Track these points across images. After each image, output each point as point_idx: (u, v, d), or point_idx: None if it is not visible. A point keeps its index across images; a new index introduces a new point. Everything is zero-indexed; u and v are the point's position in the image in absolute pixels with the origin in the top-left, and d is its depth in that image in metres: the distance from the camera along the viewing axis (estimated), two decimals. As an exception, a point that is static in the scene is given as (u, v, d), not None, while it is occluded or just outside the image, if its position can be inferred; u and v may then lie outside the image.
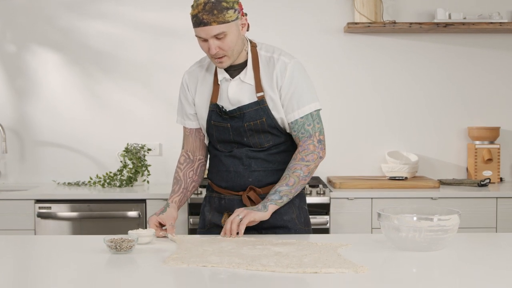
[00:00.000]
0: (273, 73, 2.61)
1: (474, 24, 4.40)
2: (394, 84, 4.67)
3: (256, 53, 2.66)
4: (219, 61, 2.55)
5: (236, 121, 2.63)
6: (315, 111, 2.66)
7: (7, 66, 4.65)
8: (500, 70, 4.66)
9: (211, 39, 2.47)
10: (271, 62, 2.63)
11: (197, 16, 2.45)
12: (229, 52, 2.52)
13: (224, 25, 2.46)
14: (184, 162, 2.80)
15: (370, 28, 4.46)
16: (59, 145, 4.67)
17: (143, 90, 4.63)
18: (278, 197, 2.54)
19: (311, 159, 2.60)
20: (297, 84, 2.61)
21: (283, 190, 2.55)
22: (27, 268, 2.08)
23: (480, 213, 3.99)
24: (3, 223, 3.97)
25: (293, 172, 2.57)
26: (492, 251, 2.28)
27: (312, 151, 2.61)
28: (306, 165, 2.58)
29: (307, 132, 2.63)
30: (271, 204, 2.52)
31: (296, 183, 2.57)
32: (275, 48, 2.69)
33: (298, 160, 2.59)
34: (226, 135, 2.67)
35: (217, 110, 2.65)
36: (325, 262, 2.02)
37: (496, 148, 4.48)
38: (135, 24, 4.63)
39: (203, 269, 1.97)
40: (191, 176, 2.78)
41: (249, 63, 2.64)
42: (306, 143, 2.62)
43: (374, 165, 4.68)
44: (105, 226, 3.96)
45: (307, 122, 2.63)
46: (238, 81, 2.64)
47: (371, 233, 3.96)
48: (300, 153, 2.60)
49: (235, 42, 2.52)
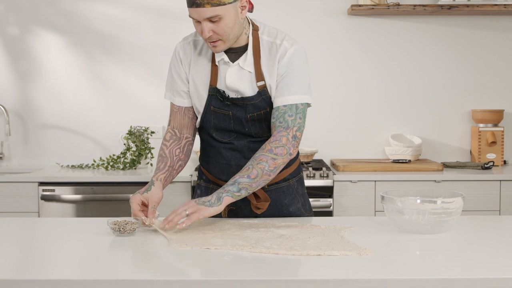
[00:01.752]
0: (275, 61, 2.43)
1: (478, 6, 4.38)
2: (397, 67, 4.65)
3: (258, 37, 2.47)
4: (213, 45, 2.36)
5: (239, 110, 2.47)
6: (302, 105, 2.42)
7: (10, 49, 4.64)
8: (504, 53, 4.64)
9: (204, 21, 2.28)
10: (273, 48, 2.44)
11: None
12: (224, 37, 2.33)
13: (219, 8, 2.25)
14: (170, 139, 2.55)
15: (374, 10, 4.43)
16: (63, 127, 4.66)
17: (146, 72, 4.62)
18: (236, 189, 2.26)
19: (280, 153, 2.33)
20: (292, 71, 2.42)
21: (243, 182, 2.27)
22: (31, 250, 2.08)
23: (483, 196, 3.99)
24: (7, 205, 3.98)
25: (257, 164, 2.30)
26: (496, 234, 2.28)
27: (283, 144, 2.35)
28: (273, 158, 2.32)
29: (285, 123, 2.38)
30: (227, 196, 2.25)
31: (259, 177, 2.29)
32: (278, 32, 2.49)
33: (266, 151, 2.33)
34: (226, 123, 2.50)
35: (218, 95, 2.47)
36: (328, 244, 2.02)
37: (500, 130, 4.46)
38: (139, 7, 4.61)
39: (206, 252, 1.97)
40: (178, 154, 2.53)
41: (249, 48, 2.45)
42: (280, 134, 2.37)
43: (377, 148, 4.67)
44: (108, 209, 3.97)
45: (289, 112, 2.39)
46: (237, 67, 2.45)
47: (374, 215, 3.96)
48: (270, 143, 2.35)
49: (231, 27, 2.32)
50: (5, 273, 1.79)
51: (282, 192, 2.60)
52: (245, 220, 2.45)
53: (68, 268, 1.86)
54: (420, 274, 1.74)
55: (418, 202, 2.25)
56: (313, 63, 4.56)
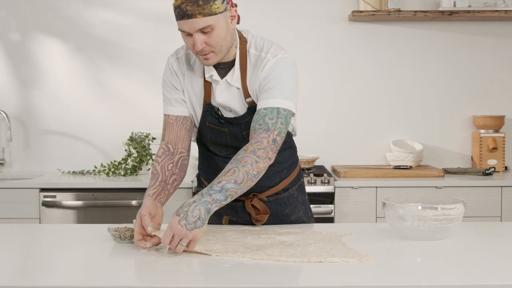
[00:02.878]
0: (258, 75, 2.35)
1: (479, 12, 4.38)
2: (398, 73, 4.65)
3: (245, 51, 2.39)
4: (205, 58, 2.28)
5: (234, 127, 2.43)
6: (284, 111, 2.29)
7: (11, 55, 4.64)
8: (505, 59, 4.64)
9: (196, 33, 2.20)
10: (258, 62, 2.37)
11: (180, 7, 2.18)
12: (217, 48, 2.25)
13: (211, 18, 2.18)
14: (163, 155, 2.42)
15: (375, 17, 4.44)
16: (64, 133, 4.67)
17: (147, 78, 4.62)
18: (223, 198, 2.09)
19: (262, 156, 2.18)
20: (273, 77, 2.32)
21: (230, 189, 2.10)
22: (32, 257, 2.08)
23: (485, 202, 3.98)
24: (8, 211, 3.98)
25: (243, 166, 2.14)
26: (497, 240, 2.27)
27: (264, 147, 2.20)
28: (256, 161, 2.17)
29: (265, 125, 2.24)
30: (215, 207, 2.08)
31: (244, 182, 2.14)
32: (265, 43, 2.40)
33: (250, 152, 2.18)
34: (223, 139, 2.46)
35: (212, 112, 2.43)
36: (329, 251, 2.02)
37: (501, 136, 4.46)
38: (140, 13, 4.62)
39: (207, 258, 1.97)
40: (170, 169, 2.39)
41: (236, 63, 2.38)
42: (261, 135, 2.22)
43: (378, 154, 4.67)
44: (109, 215, 3.97)
45: (270, 115, 2.26)
46: (225, 84, 2.39)
47: (375, 222, 3.96)
48: (252, 144, 2.20)
49: (223, 37, 2.25)
50: (6, 280, 1.79)
51: (283, 202, 2.58)
52: (246, 227, 2.45)
53: (69, 274, 1.86)
54: (421, 281, 1.74)
55: (419, 209, 2.25)
56: (314, 68, 4.58)
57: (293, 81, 2.36)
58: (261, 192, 2.53)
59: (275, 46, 2.40)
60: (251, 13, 4.51)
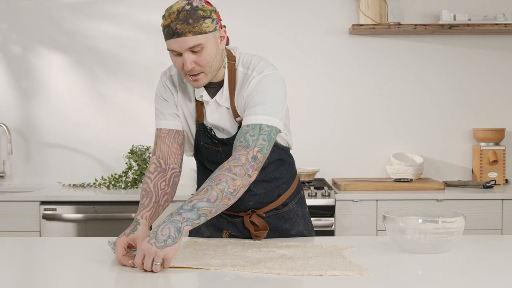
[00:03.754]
0: (245, 92, 2.32)
1: (479, 25, 4.39)
2: (399, 86, 4.66)
3: (234, 69, 2.36)
4: (194, 79, 2.24)
5: (228, 147, 2.37)
6: (268, 127, 2.22)
7: (12, 68, 4.65)
8: (505, 72, 4.65)
9: (186, 52, 2.17)
10: (245, 80, 2.33)
11: (170, 26, 2.15)
12: (207, 68, 2.22)
13: (201, 36, 2.16)
14: (155, 171, 2.37)
15: (375, 30, 4.45)
16: (64, 146, 4.67)
17: (148, 91, 4.63)
18: (196, 217, 2.02)
19: (239, 173, 2.12)
20: (257, 93, 2.28)
21: (202, 208, 2.03)
22: (32, 270, 2.08)
23: (485, 215, 3.98)
24: (9, 224, 3.98)
25: (216, 184, 2.07)
26: (498, 254, 2.27)
27: (242, 164, 2.13)
28: (232, 178, 2.10)
29: (245, 142, 2.19)
30: (187, 226, 2.01)
31: (219, 200, 2.06)
32: (253, 60, 2.36)
33: (225, 170, 2.12)
34: (218, 157, 2.43)
35: (206, 132, 2.42)
36: (330, 264, 2.02)
37: (501, 149, 4.46)
38: (140, 25, 4.63)
39: (207, 272, 1.96)
40: (163, 188, 2.35)
41: (225, 83, 2.35)
42: (239, 152, 2.16)
43: (379, 166, 4.67)
44: (110, 228, 3.96)
45: (251, 132, 2.21)
46: (215, 104, 2.37)
47: (376, 235, 3.95)
48: (228, 162, 2.14)
49: (213, 57, 2.22)
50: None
51: (282, 217, 2.57)
52: (247, 241, 2.45)
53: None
54: (422, 295, 1.74)
55: (419, 222, 2.24)
56: (315, 81, 4.59)
57: (278, 97, 2.30)
58: (260, 208, 2.52)
59: (262, 63, 2.36)
60: (253, 26, 4.52)
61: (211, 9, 2.20)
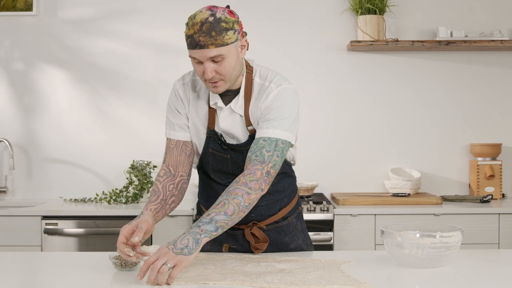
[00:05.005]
0: (260, 103, 2.37)
1: (475, 42, 4.41)
2: (396, 101, 4.67)
3: (251, 79, 2.41)
4: (214, 86, 2.30)
5: (236, 154, 2.43)
6: (282, 143, 2.30)
7: (15, 84, 4.67)
8: (502, 87, 4.66)
9: (207, 61, 2.22)
10: (261, 91, 2.38)
11: (193, 37, 2.20)
12: (227, 77, 2.28)
13: (223, 48, 2.20)
14: (164, 175, 2.45)
15: (373, 46, 4.47)
16: (66, 161, 4.67)
17: (149, 107, 4.64)
18: (214, 229, 2.08)
19: (254, 187, 2.19)
20: (275, 107, 2.33)
21: (220, 220, 2.10)
22: (33, 285, 2.07)
23: (482, 229, 3.98)
24: (10, 239, 3.97)
25: (233, 198, 2.14)
26: (495, 268, 2.26)
27: (257, 178, 2.21)
28: (248, 192, 2.17)
29: (261, 157, 2.25)
30: (205, 238, 2.06)
31: (235, 214, 2.13)
32: (269, 72, 2.42)
33: (241, 184, 2.19)
34: (225, 166, 2.46)
35: (216, 138, 2.44)
36: (328, 279, 2.02)
37: (498, 164, 4.47)
38: (141, 42, 4.65)
39: (206, 286, 1.96)
40: (171, 190, 2.42)
41: (241, 91, 2.40)
42: (255, 167, 2.23)
43: (377, 181, 4.67)
44: (111, 242, 3.95)
45: (268, 147, 2.27)
46: (229, 110, 2.41)
47: (374, 249, 3.95)
48: (244, 176, 2.21)
49: (233, 66, 2.27)
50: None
51: (282, 230, 2.57)
52: (246, 255, 2.45)
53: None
54: (420, 309, 1.74)
55: (417, 236, 2.24)
56: (314, 97, 4.60)
57: (294, 113, 2.37)
58: (261, 220, 2.52)
59: (278, 76, 2.42)
60: (255, 43, 4.52)
61: (233, 20, 2.24)
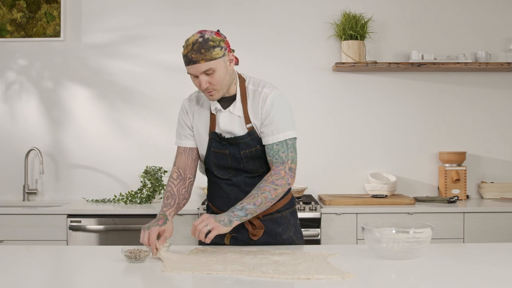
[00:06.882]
0: (258, 105, 2.48)
1: (443, 64, 4.41)
2: (375, 115, 4.66)
3: (245, 87, 2.52)
4: (210, 94, 2.42)
5: (234, 148, 2.51)
6: (290, 140, 2.47)
7: (45, 100, 4.66)
8: (466, 103, 4.66)
9: (201, 75, 2.35)
10: (256, 94, 2.49)
11: (187, 55, 2.34)
12: (218, 86, 2.39)
13: (212, 62, 2.33)
14: (177, 179, 2.58)
15: (355, 67, 4.46)
16: (88, 167, 4.66)
17: (160, 120, 4.63)
18: (244, 214, 2.32)
19: (280, 184, 2.40)
20: (275, 112, 2.46)
21: (250, 209, 2.33)
22: (59, 274, 2.07)
23: (449, 226, 3.97)
24: (40, 234, 3.96)
25: (262, 193, 2.36)
26: (460, 259, 2.27)
27: (282, 176, 2.41)
28: (274, 188, 2.39)
29: (280, 159, 2.44)
30: (236, 220, 2.31)
31: (263, 204, 2.36)
32: (261, 81, 2.55)
33: (269, 182, 2.39)
34: (225, 161, 2.54)
35: (216, 138, 2.53)
36: (316, 269, 2.01)
37: (463, 169, 4.46)
38: (154, 63, 4.64)
39: (209, 276, 1.95)
40: (183, 193, 2.57)
41: (237, 96, 2.50)
42: (278, 168, 2.42)
43: (358, 184, 4.66)
44: (127, 238, 3.94)
45: (282, 149, 2.45)
46: (228, 112, 2.51)
47: (356, 244, 3.94)
48: (271, 176, 2.41)
49: (223, 77, 2.38)
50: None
51: (276, 222, 2.59)
52: (245, 248, 2.44)
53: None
54: (396, 296, 1.73)
55: (393, 232, 2.23)
56: (303, 111, 4.59)
57: (290, 112, 2.52)
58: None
59: (269, 84, 2.55)
60: (252, 65, 4.53)
61: (219, 39, 2.37)
